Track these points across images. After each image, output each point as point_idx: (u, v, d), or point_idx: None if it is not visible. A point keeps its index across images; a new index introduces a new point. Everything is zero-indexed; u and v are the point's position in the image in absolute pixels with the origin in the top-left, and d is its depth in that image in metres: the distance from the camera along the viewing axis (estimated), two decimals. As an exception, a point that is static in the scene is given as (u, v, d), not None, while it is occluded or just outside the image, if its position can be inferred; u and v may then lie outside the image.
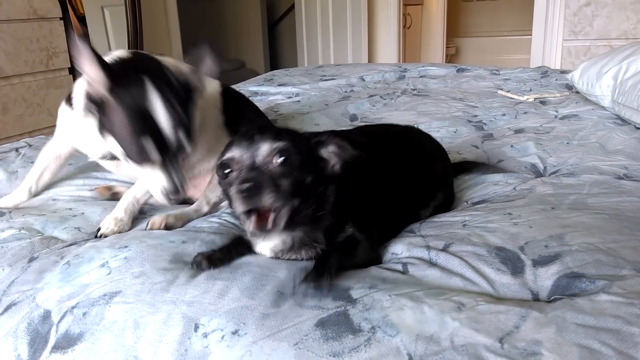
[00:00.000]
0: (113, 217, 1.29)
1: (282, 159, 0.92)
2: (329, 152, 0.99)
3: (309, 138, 1.01)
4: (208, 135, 1.42)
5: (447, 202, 1.44)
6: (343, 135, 1.04)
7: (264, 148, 0.93)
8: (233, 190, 0.91)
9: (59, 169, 1.55)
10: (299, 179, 0.94)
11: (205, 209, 1.39)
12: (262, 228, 0.92)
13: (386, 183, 1.23)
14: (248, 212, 0.92)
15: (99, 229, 1.27)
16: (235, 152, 0.95)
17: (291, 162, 0.93)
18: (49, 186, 1.56)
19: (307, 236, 1.02)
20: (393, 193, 1.25)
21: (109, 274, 1.01)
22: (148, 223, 1.27)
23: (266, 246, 1.05)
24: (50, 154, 1.51)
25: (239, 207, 0.90)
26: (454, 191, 1.50)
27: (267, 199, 0.89)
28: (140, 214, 1.38)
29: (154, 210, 1.41)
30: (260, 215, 0.92)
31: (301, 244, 1.03)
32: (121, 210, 1.31)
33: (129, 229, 1.29)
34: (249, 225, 0.93)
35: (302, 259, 1.04)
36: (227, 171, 0.95)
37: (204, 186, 1.44)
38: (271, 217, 0.91)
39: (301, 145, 0.97)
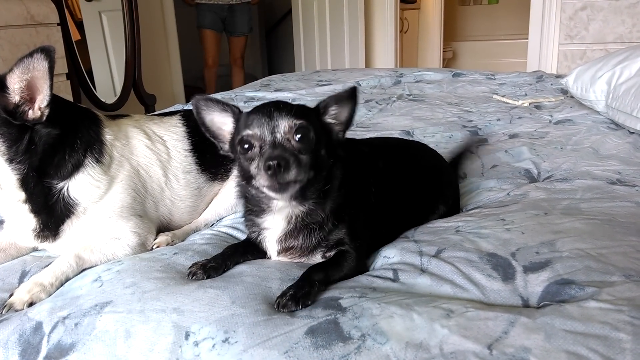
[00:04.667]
0: (36, 281, 1.07)
1: (300, 135, 0.98)
2: (333, 116, 1.06)
3: (317, 108, 1.06)
4: None
5: (450, 213, 1.43)
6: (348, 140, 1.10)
7: (284, 125, 0.98)
8: (257, 166, 0.96)
9: None
10: (315, 153, 1.00)
11: (202, 227, 1.40)
12: (283, 190, 0.97)
13: (386, 194, 1.25)
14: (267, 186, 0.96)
15: (11, 295, 1.06)
16: (255, 130, 0.99)
17: (308, 138, 0.99)
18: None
19: (309, 216, 1.05)
20: (393, 204, 1.26)
21: (101, 286, 1.02)
22: (153, 245, 1.26)
23: (272, 235, 1.08)
24: None
25: (265, 181, 0.95)
26: (458, 204, 1.50)
27: (292, 175, 0.94)
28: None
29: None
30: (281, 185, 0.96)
31: (302, 226, 1.06)
32: (50, 274, 1.09)
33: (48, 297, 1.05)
34: (268, 189, 0.97)
35: (300, 255, 1.08)
36: (247, 146, 0.99)
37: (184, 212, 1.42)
38: (292, 186, 0.96)
39: (313, 119, 1.03)
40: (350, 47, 5.74)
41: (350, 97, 1.06)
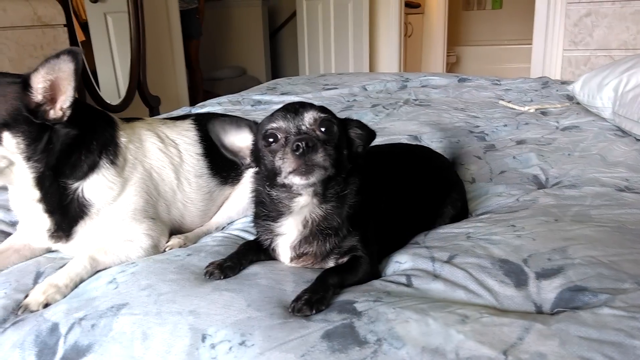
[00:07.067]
0: (51, 283, 1.07)
1: (325, 128, 0.99)
2: (355, 133, 1.08)
3: (343, 119, 1.08)
4: None
5: (459, 216, 1.44)
6: None
7: (309, 117, 0.99)
8: (283, 152, 0.96)
9: None
10: (338, 150, 1.01)
11: (214, 230, 1.41)
12: (309, 172, 0.96)
13: (394, 199, 1.26)
14: (294, 172, 0.96)
15: (26, 296, 1.06)
16: (280, 123, 1.00)
17: (332, 132, 1.01)
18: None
19: (326, 220, 1.05)
20: (402, 210, 1.27)
21: (116, 288, 1.02)
22: (166, 247, 1.26)
23: (286, 241, 1.08)
24: None
25: (292, 165, 0.95)
26: (467, 206, 1.51)
27: (319, 158, 0.95)
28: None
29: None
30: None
31: (318, 231, 1.06)
32: (64, 276, 1.09)
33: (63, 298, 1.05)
34: (295, 175, 0.96)
35: (313, 262, 1.08)
36: (271, 140, 1.00)
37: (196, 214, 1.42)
38: (317, 170, 0.96)
39: (337, 122, 1.04)
40: (355, 51, 5.75)
41: (371, 133, 1.11)
